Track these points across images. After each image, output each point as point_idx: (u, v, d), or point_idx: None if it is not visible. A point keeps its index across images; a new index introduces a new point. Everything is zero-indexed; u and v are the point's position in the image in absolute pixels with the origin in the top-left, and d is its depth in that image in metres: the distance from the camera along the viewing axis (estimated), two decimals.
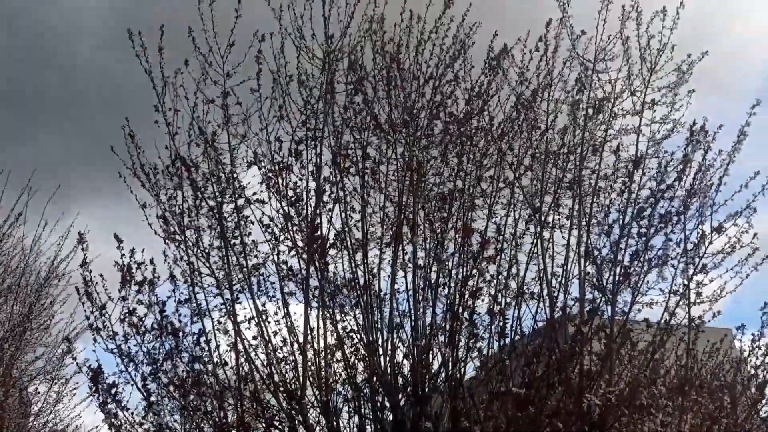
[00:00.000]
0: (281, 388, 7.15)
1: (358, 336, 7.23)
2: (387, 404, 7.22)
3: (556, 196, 7.24)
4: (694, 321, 7.04)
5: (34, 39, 26.15)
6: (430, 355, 7.14)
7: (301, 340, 7.14)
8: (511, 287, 7.07)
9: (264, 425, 7.27)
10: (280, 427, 7.25)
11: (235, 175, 7.25)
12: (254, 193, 7.33)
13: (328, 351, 7.23)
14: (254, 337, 7.19)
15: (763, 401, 6.82)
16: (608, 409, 6.48)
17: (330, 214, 7.30)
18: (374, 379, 7.19)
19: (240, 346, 7.17)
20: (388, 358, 7.15)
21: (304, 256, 7.19)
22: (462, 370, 7.11)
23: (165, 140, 7.09)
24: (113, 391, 6.99)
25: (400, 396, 7.19)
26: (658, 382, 6.83)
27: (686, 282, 7.08)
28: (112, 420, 6.95)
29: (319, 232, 7.25)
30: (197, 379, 7.23)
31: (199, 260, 7.29)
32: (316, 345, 7.20)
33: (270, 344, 7.15)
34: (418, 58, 7.47)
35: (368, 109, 7.45)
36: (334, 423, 7.21)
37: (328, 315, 7.23)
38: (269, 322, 7.22)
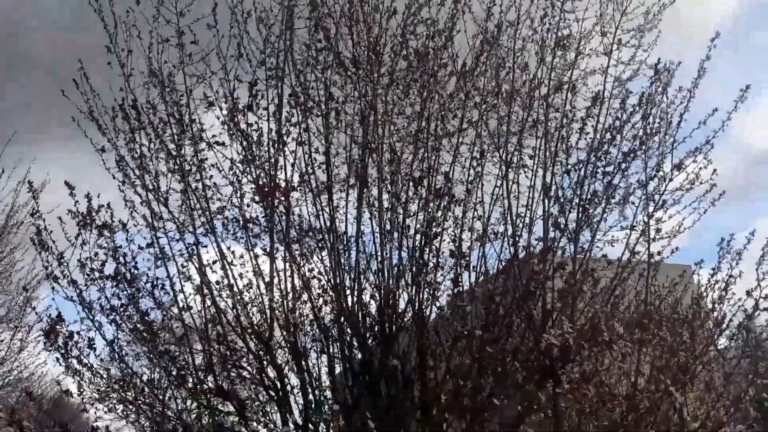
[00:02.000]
0: (249, 331, 7.16)
1: (325, 278, 7.22)
2: (355, 343, 7.30)
3: (520, 136, 7.20)
4: (654, 257, 7.21)
5: None
6: (396, 295, 7.20)
7: (266, 282, 7.12)
8: (476, 228, 7.11)
9: (232, 367, 7.28)
10: (248, 368, 7.29)
11: (193, 117, 7.04)
12: (214, 136, 7.15)
13: (295, 293, 7.22)
14: (217, 282, 7.13)
15: (720, 333, 7.05)
16: (569, 346, 6.64)
17: (293, 156, 7.18)
18: (342, 319, 7.24)
19: (205, 290, 7.12)
20: (355, 299, 7.19)
21: (267, 199, 7.08)
22: (428, 309, 7.20)
23: (120, 82, 6.81)
24: (72, 341, 6.87)
25: (367, 335, 7.27)
26: (618, 317, 7.02)
27: (646, 219, 7.20)
28: (76, 368, 6.87)
29: (281, 174, 7.15)
30: (162, 323, 7.19)
31: (160, 203, 7.14)
32: (282, 287, 7.19)
33: (236, 287, 7.11)
34: None
35: (331, 46, 7.24)
36: (303, 363, 7.27)
37: (294, 257, 7.18)
38: (234, 266, 7.16)
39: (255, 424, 7.24)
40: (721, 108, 7.04)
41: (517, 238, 7.10)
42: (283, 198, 7.06)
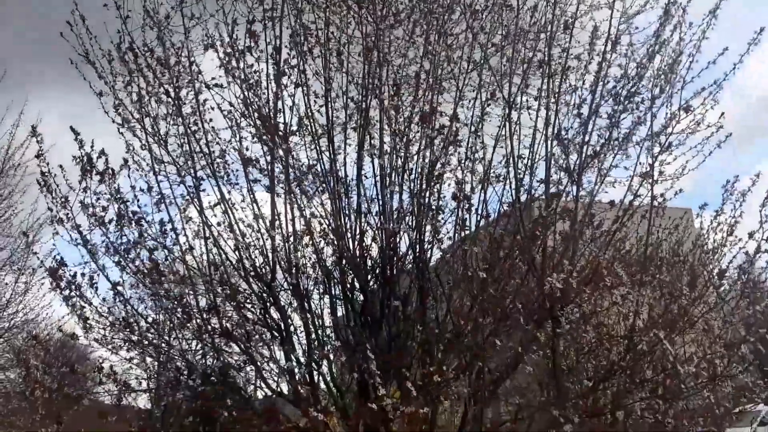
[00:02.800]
0: (252, 273, 7.21)
1: (326, 221, 7.23)
2: (356, 285, 7.36)
3: (525, 76, 7.07)
4: (656, 199, 7.16)
5: None
6: (398, 238, 7.22)
7: (268, 225, 7.13)
8: (477, 171, 7.06)
9: (236, 308, 7.36)
10: (252, 309, 7.38)
11: (191, 60, 6.91)
12: (213, 78, 7.04)
13: (297, 236, 7.24)
14: (219, 224, 7.15)
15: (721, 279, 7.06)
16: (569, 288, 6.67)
17: (291, 98, 7.09)
18: (343, 261, 7.28)
19: (207, 233, 7.15)
20: (356, 242, 7.21)
21: (267, 141, 7.02)
22: (429, 251, 7.23)
23: (117, 24, 6.67)
24: (77, 283, 6.92)
25: (369, 277, 7.33)
26: (619, 259, 7.04)
27: (651, 161, 7.13)
28: (79, 312, 6.94)
29: (280, 118, 7.07)
30: (166, 264, 7.23)
31: (159, 147, 7.10)
32: (284, 230, 7.20)
33: (238, 230, 7.13)
34: None
35: None
36: (306, 304, 7.34)
37: (294, 201, 7.17)
38: (236, 209, 7.16)
39: (259, 363, 7.36)
40: (732, 51, 6.88)
41: (519, 181, 7.05)
42: (281, 141, 6.99)
